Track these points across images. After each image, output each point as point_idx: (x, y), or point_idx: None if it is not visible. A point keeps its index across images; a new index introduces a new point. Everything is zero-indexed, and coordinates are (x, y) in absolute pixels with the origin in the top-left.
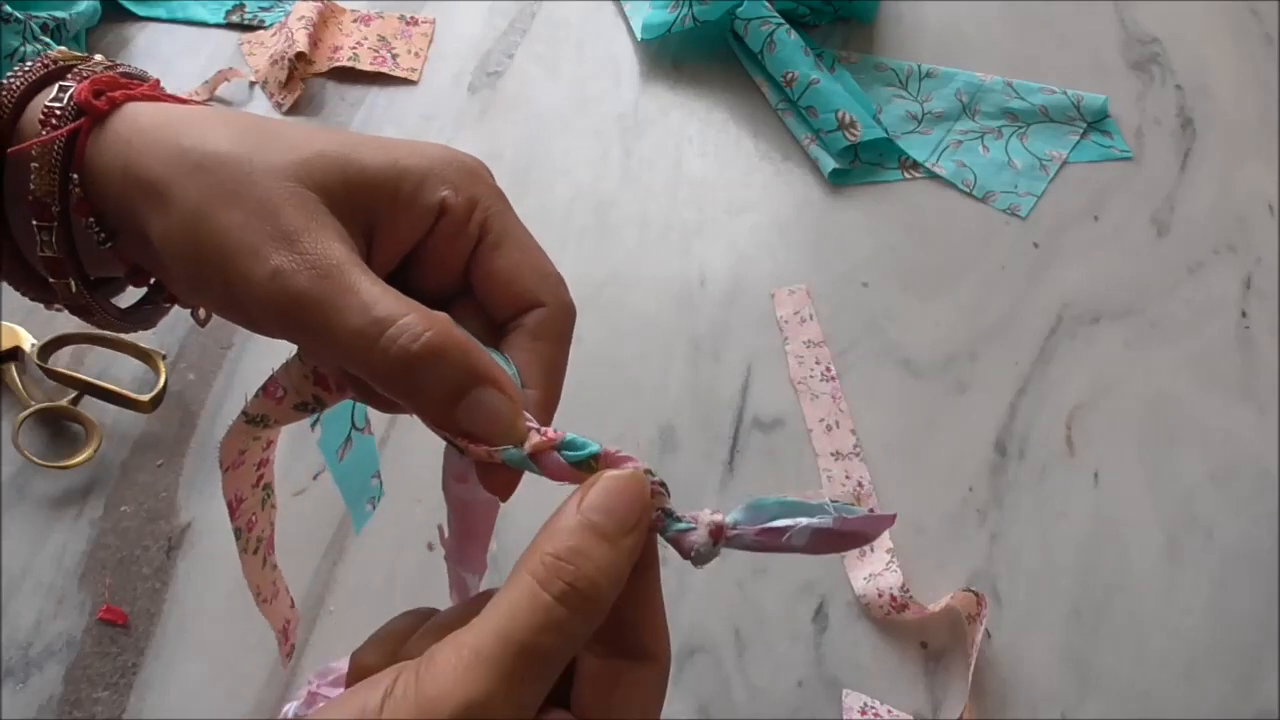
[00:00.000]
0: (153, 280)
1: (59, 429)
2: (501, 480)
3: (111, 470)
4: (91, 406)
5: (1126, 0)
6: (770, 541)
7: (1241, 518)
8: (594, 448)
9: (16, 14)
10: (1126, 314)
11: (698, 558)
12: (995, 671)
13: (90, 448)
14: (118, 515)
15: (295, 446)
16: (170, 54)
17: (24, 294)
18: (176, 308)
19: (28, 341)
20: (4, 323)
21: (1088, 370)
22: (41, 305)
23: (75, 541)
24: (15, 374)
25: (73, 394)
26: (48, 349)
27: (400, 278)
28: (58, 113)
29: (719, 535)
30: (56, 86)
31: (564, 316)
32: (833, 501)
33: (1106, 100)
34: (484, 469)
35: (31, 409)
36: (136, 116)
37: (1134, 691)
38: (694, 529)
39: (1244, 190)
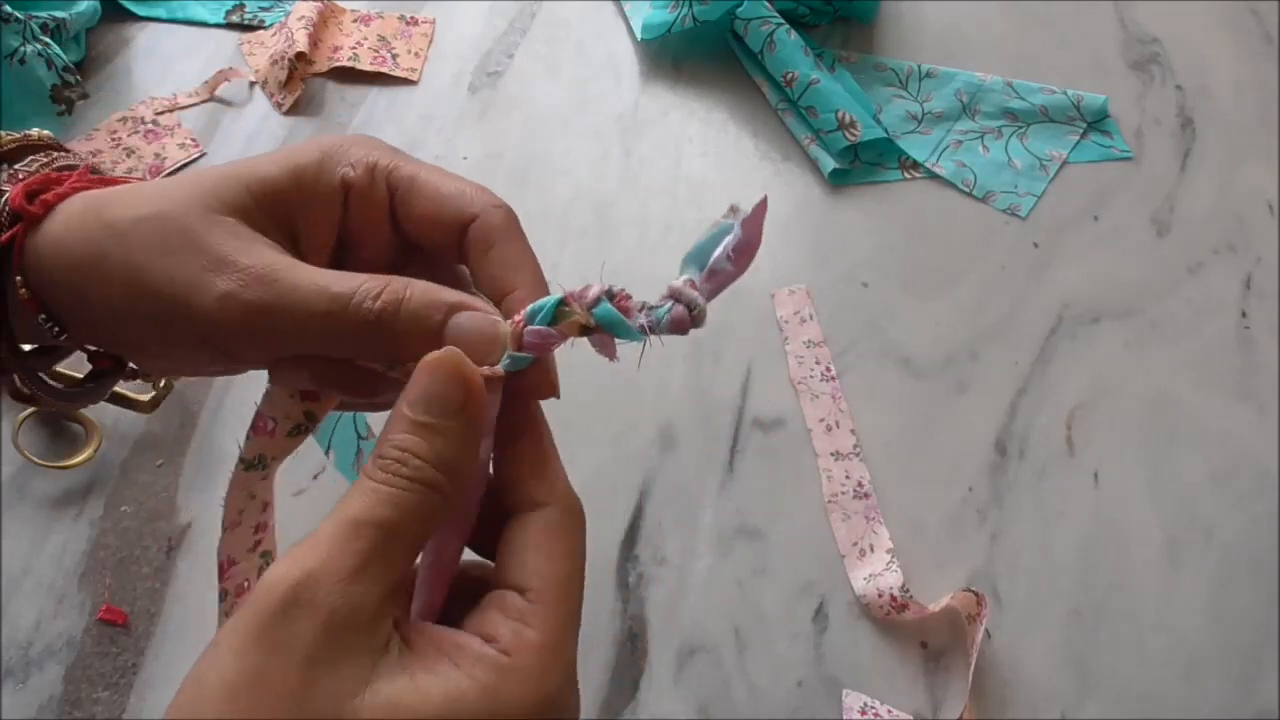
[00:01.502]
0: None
1: (59, 429)
2: (543, 384)
3: (111, 470)
4: (91, 407)
5: (1126, 0)
6: (719, 282)
7: (1241, 518)
8: (553, 299)
9: (16, 14)
10: (1126, 314)
11: (698, 318)
12: (995, 671)
13: (90, 448)
14: (118, 515)
15: None
16: (170, 54)
17: None
18: None
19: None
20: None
21: (1088, 370)
22: None
23: (75, 541)
24: None
25: None
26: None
27: (341, 265)
28: None
29: (696, 288)
30: None
31: (498, 215)
32: (719, 223)
33: (1106, 100)
34: (528, 387)
35: (31, 410)
36: (64, 208)
37: (1134, 691)
38: (677, 302)
39: (1244, 190)
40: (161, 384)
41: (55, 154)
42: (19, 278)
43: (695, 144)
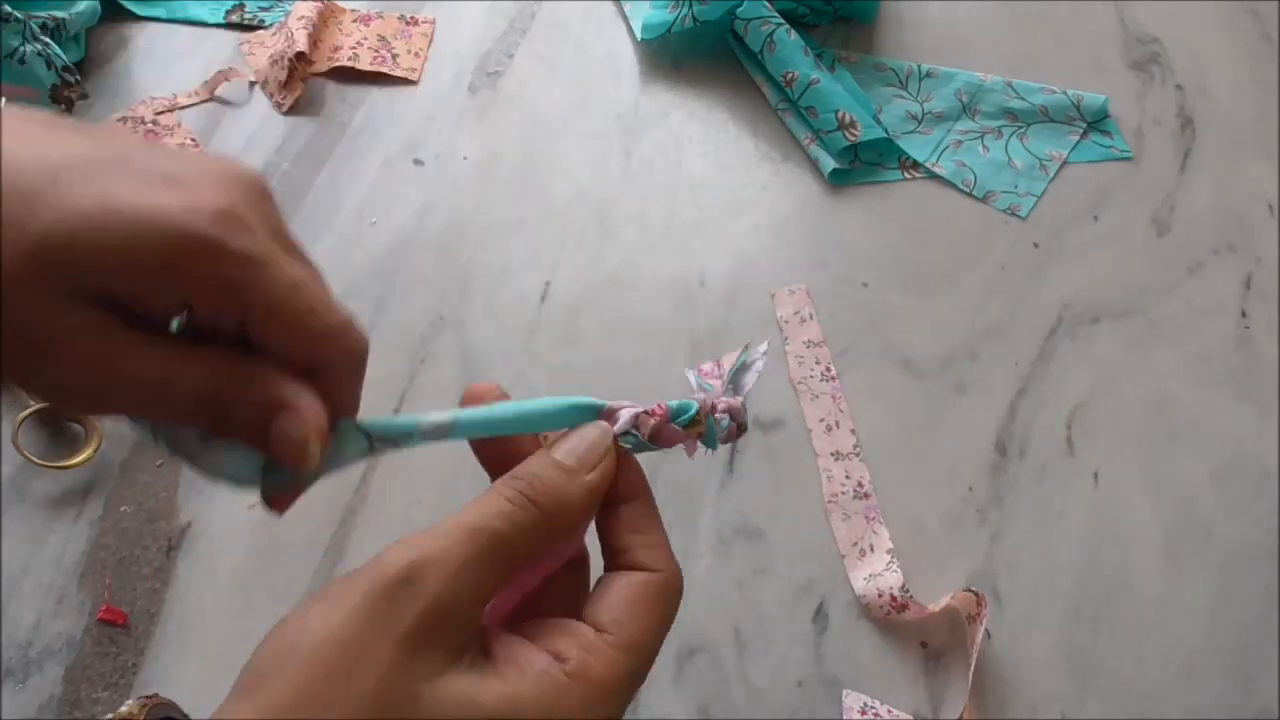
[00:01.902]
0: None
1: (59, 429)
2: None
3: (111, 470)
4: None
5: (1126, 0)
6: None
7: (1241, 518)
8: (696, 407)
9: (16, 14)
10: (1126, 314)
11: (744, 429)
12: (995, 671)
13: (90, 448)
14: (118, 515)
15: None
16: (170, 54)
17: None
18: None
19: None
20: None
21: (1088, 370)
22: None
23: (75, 541)
24: None
25: None
26: None
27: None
28: None
29: (743, 405)
30: None
31: (351, 367)
32: (743, 356)
33: (1106, 100)
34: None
35: (31, 409)
36: None
37: (1134, 691)
38: (726, 421)
39: (1244, 190)
40: None
41: None
42: None
43: (695, 144)
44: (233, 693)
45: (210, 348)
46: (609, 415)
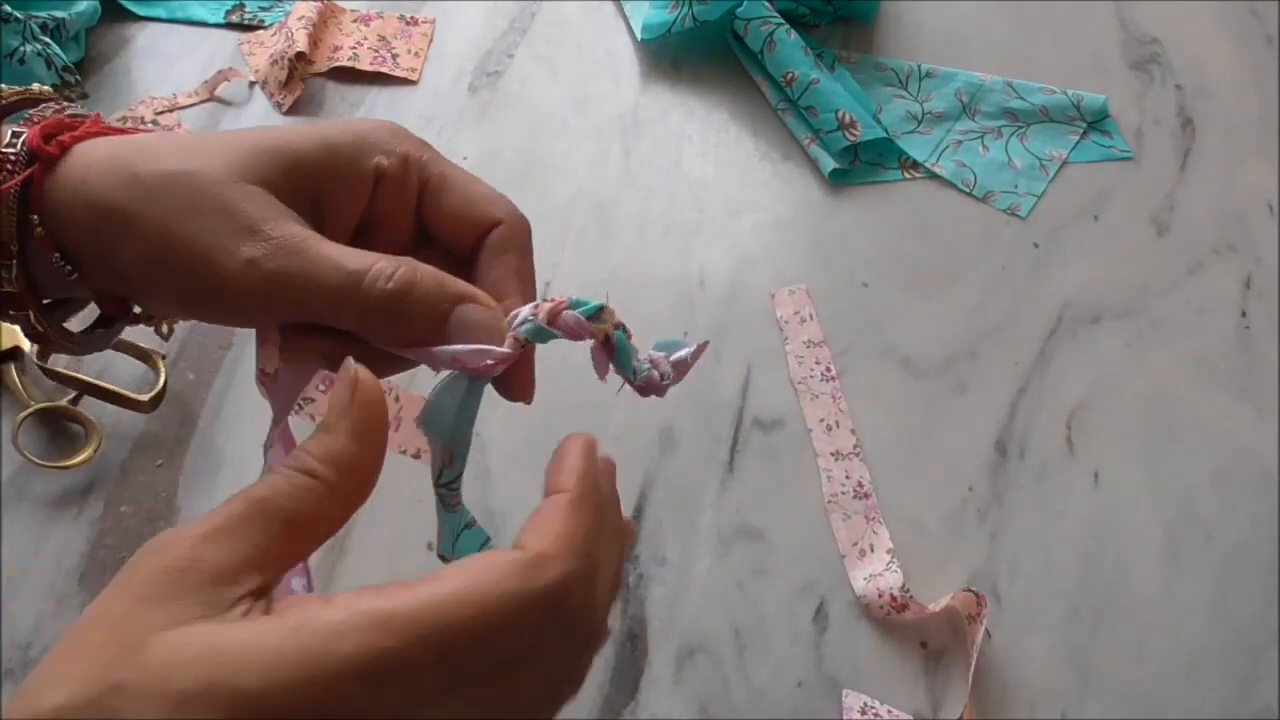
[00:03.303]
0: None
1: (59, 429)
2: (526, 383)
3: (111, 470)
4: (91, 406)
5: (1126, 0)
6: (676, 373)
7: (1241, 518)
8: (597, 304)
9: (16, 14)
10: (1126, 314)
11: (666, 388)
12: (995, 671)
13: (90, 448)
14: (118, 515)
15: None
16: (170, 54)
17: None
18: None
19: (28, 342)
20: (4, 323)
21: (1088, 370)
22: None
23: (75, 541)
24: (15, 374)
25: (72, 394)
26: (48, 349)
27: (360, 244)
28: (11, 158)
29: (667, 365)
30: (9, 132)
31: (521, 226)
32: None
33: (1106, 100)
34: (501, 379)
35: (31, 409)
36: (86, 153)
37: (1134, 691)
38: (648, 368)
39: (1244, 190)
40: (160, 384)
41: (64, 104)
42: (35, 217)
43: (695, 144)
44: None
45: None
46: (609, 313)
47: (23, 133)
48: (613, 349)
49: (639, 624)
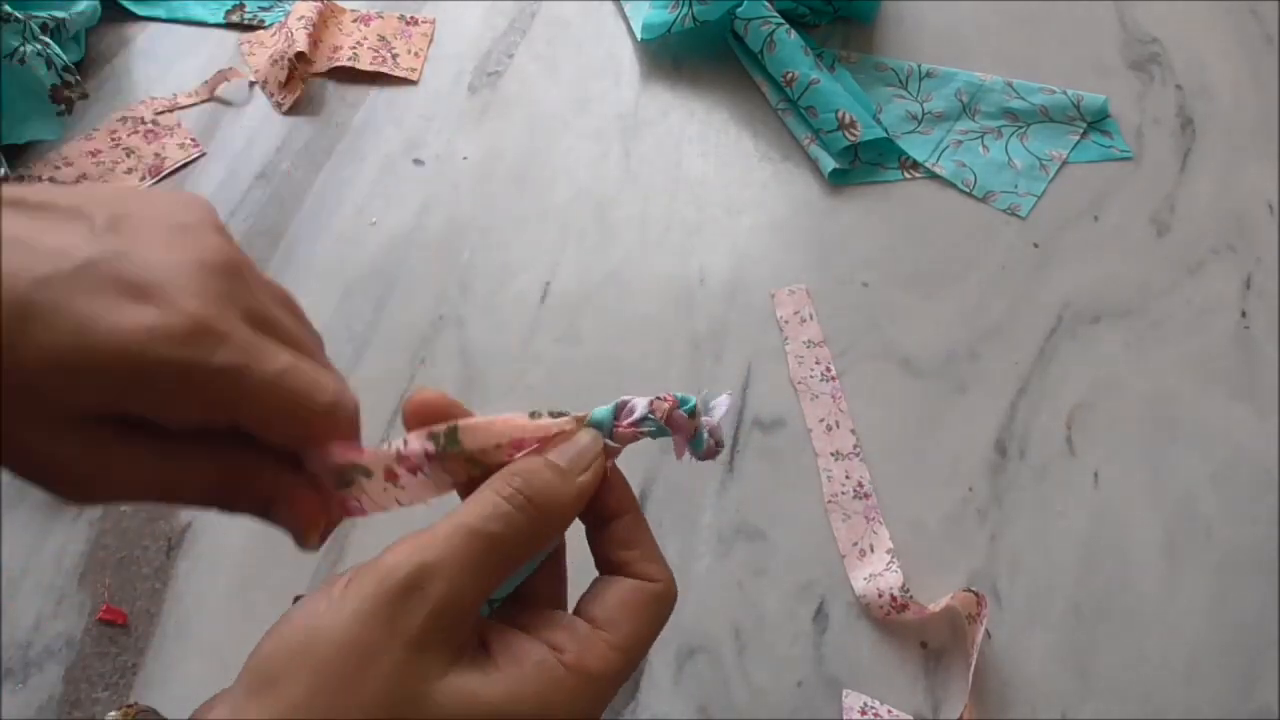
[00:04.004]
0: None
1: None
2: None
3: None
4: None
5: (1126, 0)
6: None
7: (1241, 518)
8: (694, 402)
9: (16, 14)
10: (1126, 314)
11: (721, 447)
12: (995, 671)
13: None
14: (118, 515)
15: None
16: (170, 54)
17: None
18: None
19: None
20: None
21: (1088, 370)
22: None
23: (75, 541)
24: None
25: None
26: None
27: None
28: None
29: (718, 428)
30: None
31: (349, 437)
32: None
33: (1106, 100)
34: None
35: None
36: None
37: (1134, 691)
38: (707, 435)
39: (1244, 190)
40: None
41: None
42: None
43: (695, 144)
44: (240, 691)
45: (209, 445)
46: (623, 407)
47: None
48: (692, 439)
49: None
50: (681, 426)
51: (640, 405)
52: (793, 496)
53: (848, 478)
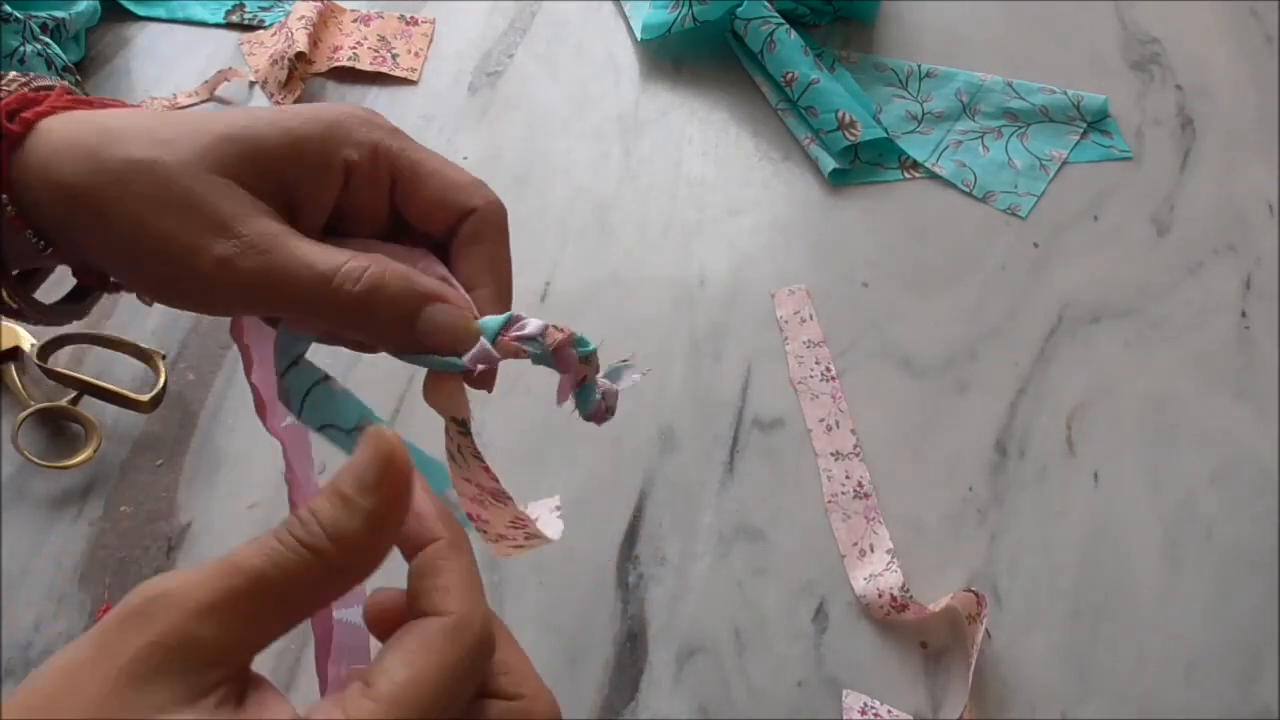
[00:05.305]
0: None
1: (59, 429)
2: (489, 377)
3: (111, 470)
4: (91, 406)
5: (1126, 0)
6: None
7: (1241, 518)
8: (592, 347)
9: (16, 14)
10: (1126, 314)
11: (611, 414)
12: (995, 671)
13: (90, 448)
14: (118, 515)
15: None
16: (170, 54)
17: None
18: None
19: (27, 341)
20: (4, 322)
21: (1088, 370)
22: None
23: (75, 541)
24: (15, 374)
25: (72, 394)
26: (47, 349)
27: (334, 231)
28: None
29: (614, 393)
30: None
31: (494, 213)
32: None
33: (1106, 100)
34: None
35: (31, 409)
36: (51, 133)
37: (1134, 691)
38: (603, 398)
39: (1244, 190)
40: (160, 384)
41: (29, 76)
42: (4, 196)
43: (695, 144)
44: None
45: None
46: (514, 321)
47: None
48: (580, 387)
49: (639, 624)
50: (570, 365)
51: (534, 325)
52: (793, 496)
53: (848, 478)
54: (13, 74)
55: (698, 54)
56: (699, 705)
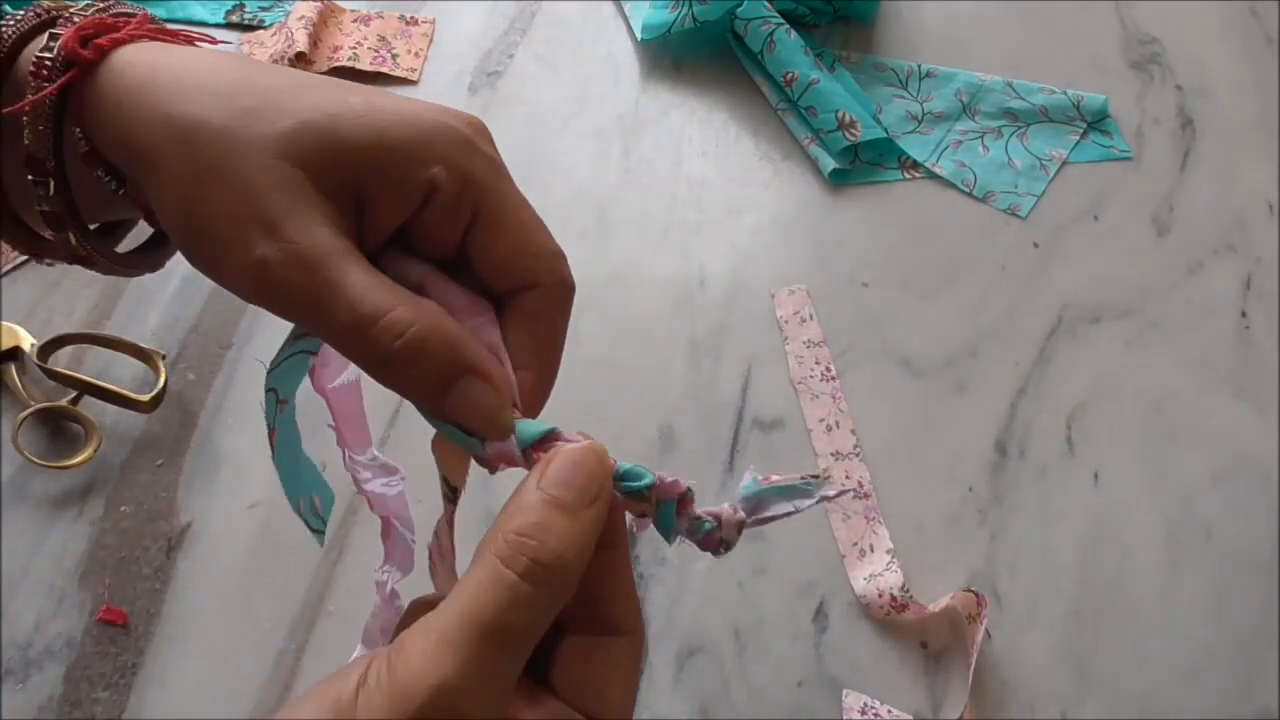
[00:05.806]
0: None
1: (59, 429)
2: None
3: (111, 470)
4: (91, 406)
5: (1126, 0)
6: (762, 522)
7: (1241, 518)
8: (650, 480)
9: (16, 14)
10: (1126, 314)
11: (727, 549)
12: (995, 671)
13: (90, 448)
14: (118, 515)
15: None
16: None
17: (17, 249)
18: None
19: (27, 341)
20: (4, 323)
21: (1088, 370)
22: (42, 302)
23: (75, 541)
24: (15, 374)
25: (72, 394)
26: (47, 349)
27: (395, 246)
28: (48, 63)
29: (741, 528)
30: (47, 35)
31: (561, 295)
32: (806, 479)
33: (1106, 100)
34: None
35: (31, 409)
36: (123, 73)
37: (1134, 691)
38: (718, 527)
39: (1244, 190)
40: (160, 384)
41: (115, 3)
42: (78, 130)
43: (695, 144)
44: None
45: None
46: (552, 437)
47: (60, 35)
48: (651, 519)
49: None
50: (627, 505)
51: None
52: None
53: (848, 478)
54: (86, 2)
55: (698, 54)
56: (699, 705)
